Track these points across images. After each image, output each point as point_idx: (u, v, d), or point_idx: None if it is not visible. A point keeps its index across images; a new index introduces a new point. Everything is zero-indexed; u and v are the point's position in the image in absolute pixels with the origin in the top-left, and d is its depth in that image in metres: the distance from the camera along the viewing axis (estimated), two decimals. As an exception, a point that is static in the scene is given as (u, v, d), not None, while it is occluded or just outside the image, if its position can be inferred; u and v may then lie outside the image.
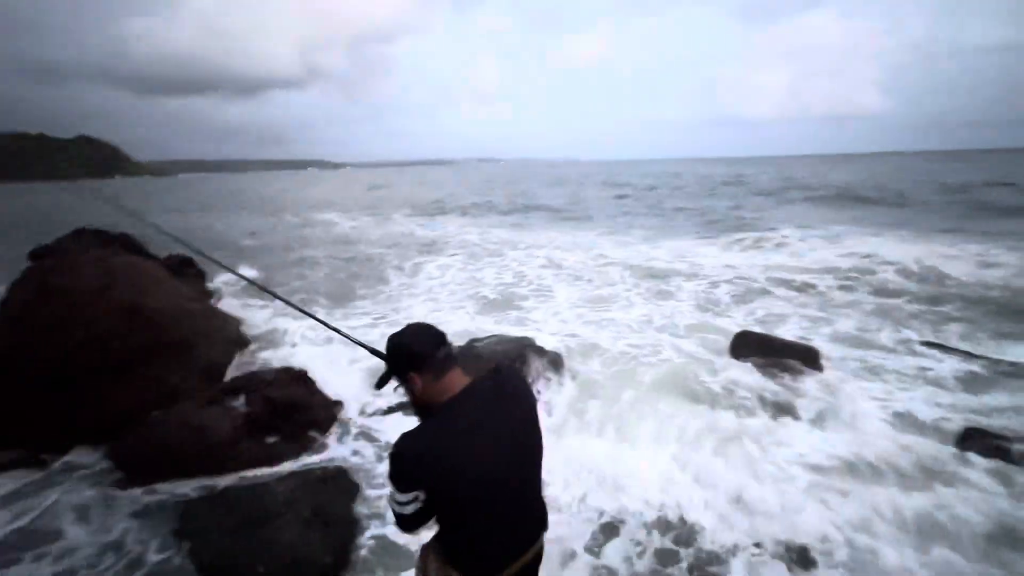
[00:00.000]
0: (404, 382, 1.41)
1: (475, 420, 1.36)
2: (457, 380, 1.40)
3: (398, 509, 1.35)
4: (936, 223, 15.45)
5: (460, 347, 5.26)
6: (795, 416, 4.41)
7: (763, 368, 5.14)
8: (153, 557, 3.10)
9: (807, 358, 5.32)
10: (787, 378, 5.00)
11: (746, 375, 5.06)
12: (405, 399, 1.52)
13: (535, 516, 1.55)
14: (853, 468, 3.61)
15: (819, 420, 4.33)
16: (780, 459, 3.74)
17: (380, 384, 1.48)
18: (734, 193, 30.61)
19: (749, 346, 5.64)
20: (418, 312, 8.08)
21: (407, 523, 1.38)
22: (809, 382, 4.94)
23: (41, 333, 4.20)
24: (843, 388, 4.80)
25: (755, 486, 3.40)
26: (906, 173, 44.04)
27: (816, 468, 3.63)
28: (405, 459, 1.32)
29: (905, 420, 4.30)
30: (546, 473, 1.60)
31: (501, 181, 58.58)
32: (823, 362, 5.31)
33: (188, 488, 3.74)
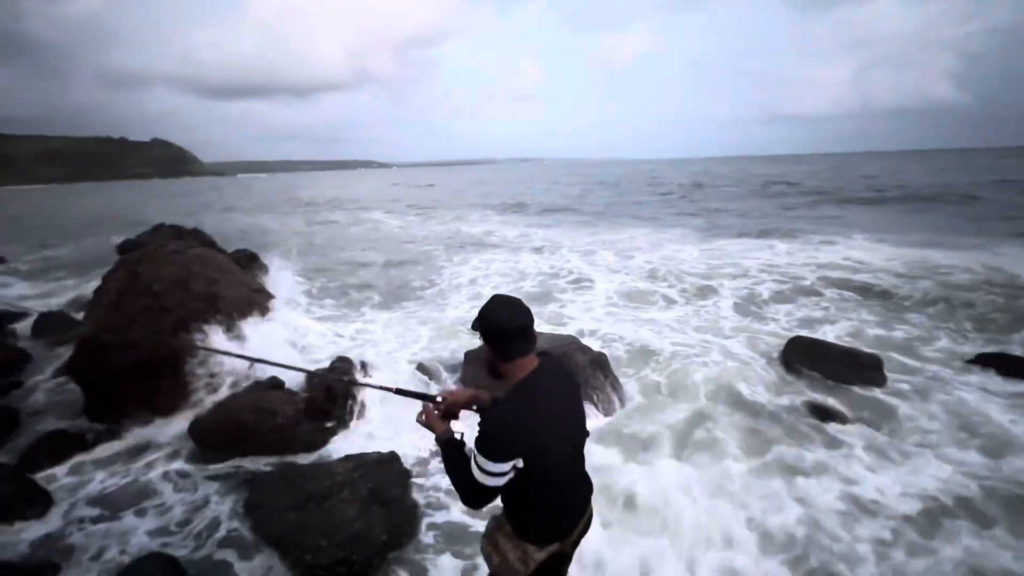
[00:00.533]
0: (484, 342, 1.56)
1: (547, 398, 1.52)
2: (529, 363, 1.54)
3: (489, 481, 1.44)
4: (1012, 226, 14.32)
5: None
6: (856, 443, 4.03)
7: (819, 382, 4.90)
8: (227, 523, 3.44)
9: (868, 367, 5.09)
10: (849, 392, 4.73)
11: (799, 390, 4.83)
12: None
13: (586, 482, 1.72)
14: (928, 512, 3.17)
15: (883, 449, 3.92)
16: (839, 500, 3.36)
17: (473, 328, 1.59)
18: (782, 192, 29.40)
19: (802, 352, 5.43)
20: (459, 312, 8.24)
21: (485, 495, 1.48)
22: (872, 397, 4.66)
23: (134, 320, 4.68)
24: (909, 406, 4.54)
25: (817, 539, 3.03)
26: (980, 171, 40.79)
27: (884, 513, 3.21)
28: (506, 429, 1.43)
29: (982, 444, 3.90)
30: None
31: (544, 180, 58.54)
32: (886, 373, 5.05)
33: (256, 463, 4.09)
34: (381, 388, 1.87)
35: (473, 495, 1.50)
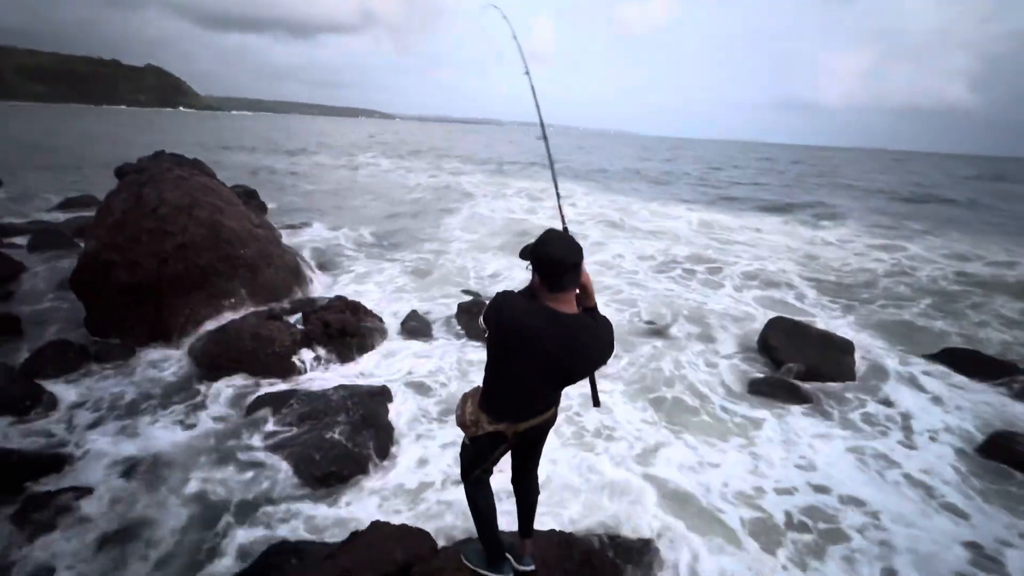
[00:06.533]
0: (533, 269, 1.71)
1: (554, 330, 1.67)
2: (568, 303, 1.70)
3: (483, 314, 1.80)
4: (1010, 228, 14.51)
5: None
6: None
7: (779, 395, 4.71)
8: (225, 429, 3.68)
9: (843, 351, 5.34)
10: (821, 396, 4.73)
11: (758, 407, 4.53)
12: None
13: (549, 400, 1.89)
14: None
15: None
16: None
17: (522, 256, 1.74)
18: (802, 180, 29.20)
19: (781, 334, 5.59)
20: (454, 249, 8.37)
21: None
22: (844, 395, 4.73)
23: (138, 240, 4.75)
24: (896, 403, 4.64)
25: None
26: (984, 181, 40.48)
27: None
28: (499, 307, 1.73)
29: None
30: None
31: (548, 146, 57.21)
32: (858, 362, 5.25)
33: (252, 384, 4.28)
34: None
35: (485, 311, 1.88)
